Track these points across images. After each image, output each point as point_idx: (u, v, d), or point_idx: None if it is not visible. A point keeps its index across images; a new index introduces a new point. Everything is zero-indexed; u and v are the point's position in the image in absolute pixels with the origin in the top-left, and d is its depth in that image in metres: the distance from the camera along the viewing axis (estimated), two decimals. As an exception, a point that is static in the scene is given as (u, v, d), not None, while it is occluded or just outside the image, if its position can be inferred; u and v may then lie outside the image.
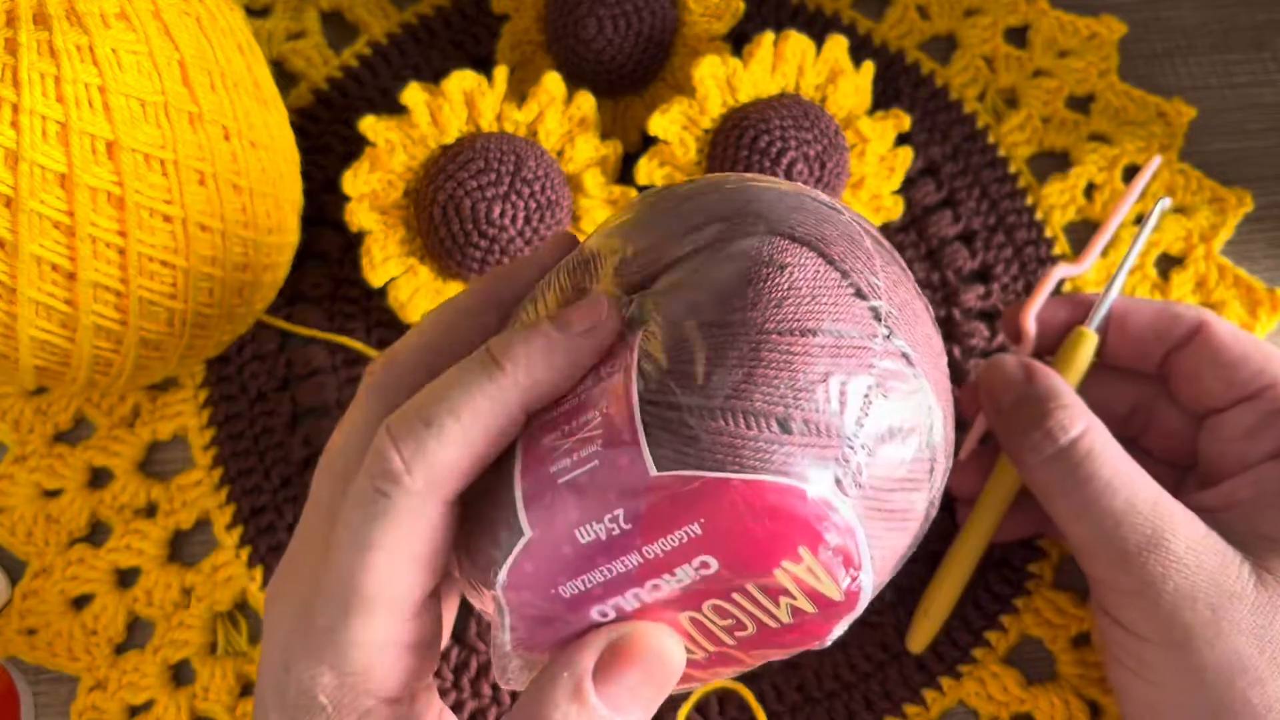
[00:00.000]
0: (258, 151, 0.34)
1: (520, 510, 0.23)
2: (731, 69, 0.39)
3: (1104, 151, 0.45)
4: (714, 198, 0.25)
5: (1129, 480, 0.31)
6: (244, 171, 0.34)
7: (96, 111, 0.30)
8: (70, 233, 0.30)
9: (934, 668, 0.38)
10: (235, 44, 0.35)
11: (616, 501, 0.23)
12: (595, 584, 0.24)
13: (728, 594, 0.23)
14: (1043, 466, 0.32)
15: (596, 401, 0.24)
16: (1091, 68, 0.46)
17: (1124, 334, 0.36)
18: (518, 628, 0.24)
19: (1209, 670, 0.30)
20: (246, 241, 0.34)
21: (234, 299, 0.35)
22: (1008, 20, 0.47)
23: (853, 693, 0.37)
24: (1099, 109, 0.46)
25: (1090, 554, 0.32)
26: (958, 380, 0.41)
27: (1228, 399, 0.35)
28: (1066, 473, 0.32)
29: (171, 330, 0.34)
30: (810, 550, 0.22)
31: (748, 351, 0.22)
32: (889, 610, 0.38)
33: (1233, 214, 0.44)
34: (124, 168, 0.30)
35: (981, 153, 0.45)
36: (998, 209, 0.44)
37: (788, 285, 0.23)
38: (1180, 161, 0.45)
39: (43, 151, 0.29)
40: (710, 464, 0.22)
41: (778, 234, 0.24)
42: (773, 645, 0.24)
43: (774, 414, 0.22)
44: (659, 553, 0.23)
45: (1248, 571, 0.30)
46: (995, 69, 0.46)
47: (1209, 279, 0.43)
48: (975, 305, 0.42)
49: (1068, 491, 0.32)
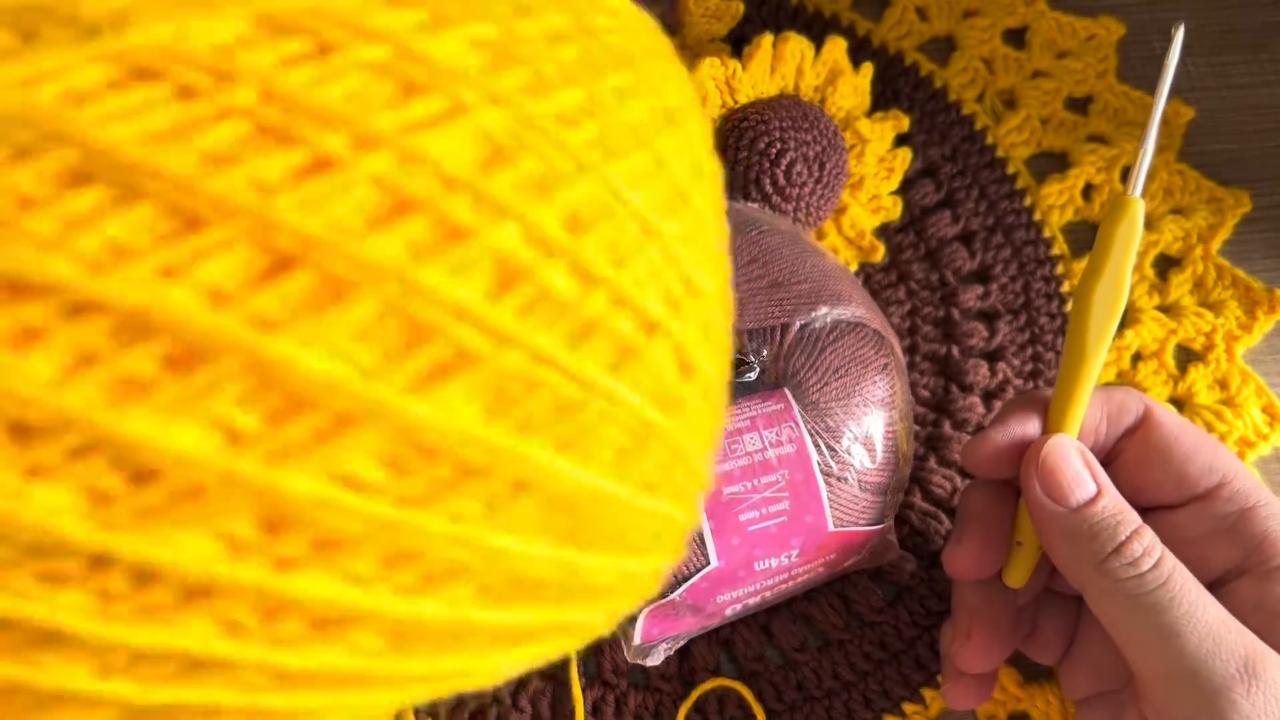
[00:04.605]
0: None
1: (710, 544, 0.32)
2: (731, 70, 0.39)
3: (1102, 152, 0.45)
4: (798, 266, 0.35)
5: (1213, 604, 0.29)
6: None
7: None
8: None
9: (932, 666, 0.38)
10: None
11: (795, 543, 0.33)
12: (749, 592, 0.33)
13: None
14: (1118, 590, 0.30)
15: (777, 467, 0.32)
16: (1090, 69, 0.46)
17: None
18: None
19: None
20: None
21: None
22: (1006, 21, 0.47)
23: (851, 691, 0.37)
24: (1097, 110, 0.46)
25: (1163, 686, 0.29)
26: (958, 382, 0.41)
27: (1177, 496, 0.33)
28: (1147, 599, 0.29)
29: None
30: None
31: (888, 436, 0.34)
32: (887, 609, 0.38)
33: (1231, 214, 0.44)
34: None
35: (980, 153, 0.45)
36: (996, 209, 0.44)
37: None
38: (1178, 162, 0.45)
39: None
40: (864, 522, 0.34)
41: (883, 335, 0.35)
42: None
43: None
44: (804, 570, 0.34)
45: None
46: (994, 70, 0.46)
47: (1207, 279, 0.43)
48: (974, 305, 0.43)
49: (1146, 619, 0.29)
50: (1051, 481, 0.31)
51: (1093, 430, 0.33)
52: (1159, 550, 0.30)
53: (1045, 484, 0.31)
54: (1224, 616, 0.29)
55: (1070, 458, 0.32)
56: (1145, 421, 0.33)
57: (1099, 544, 0.30)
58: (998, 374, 0.41)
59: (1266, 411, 0.41)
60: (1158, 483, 0.33)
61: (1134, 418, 0.33)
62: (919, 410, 0.41)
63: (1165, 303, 0.43)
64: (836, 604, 0.38)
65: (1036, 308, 0.43)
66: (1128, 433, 0.33)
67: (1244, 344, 0.42)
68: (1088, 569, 0.31)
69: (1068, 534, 0.31)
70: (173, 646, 0.16)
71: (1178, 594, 0.29)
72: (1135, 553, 0.30)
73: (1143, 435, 0.33)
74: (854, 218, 0.42)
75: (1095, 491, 0.31)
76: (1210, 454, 0.32)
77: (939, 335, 0.42)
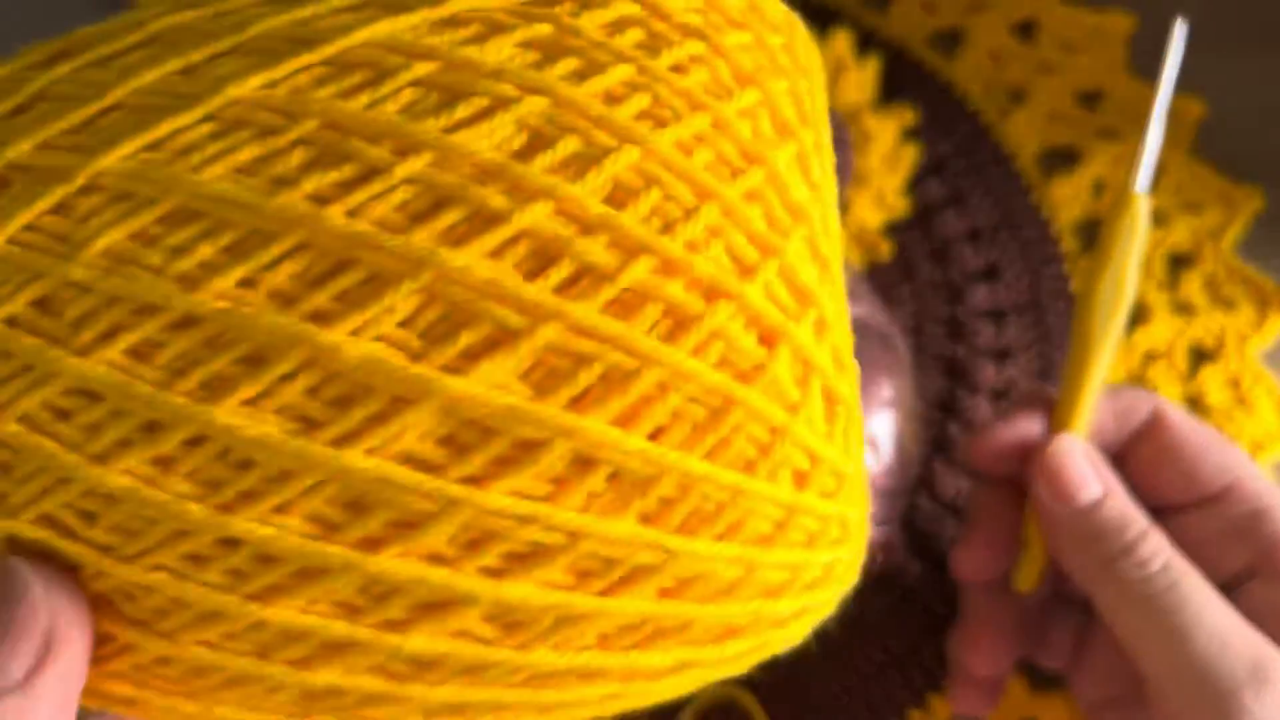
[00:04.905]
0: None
1: None
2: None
3: (1112, 147, 0.44)
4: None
5: (1223, 606, 0.29)
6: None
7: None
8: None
9: (937, 672, 0.37)
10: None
11: None
12: None
13: None
14: (1126, 592, 0.30)
15: None
16: (1099, 62, 0.46)
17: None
18: None
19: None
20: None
21: None
22: (1014, 14, 0.47)
23: (855, 698, 0.37)
24: (1107, 104, 0.45)
25: (1172, 690, 0.29)
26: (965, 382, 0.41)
27: (1188, 498, 0.32)
28: (1155, 600, 0.29)
29: None
30: None
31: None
32: (892, 614, 0.38)
33: (1242, 212, 0.43)
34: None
35: (988, 149, 0.44)
36: (1004, 206, 0.44)
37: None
38: (1190, 158, 0.44)
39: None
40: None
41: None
42: None
43: None
44: None
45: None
46: (1002, 64, 0.46)
47: (1218, 277, 0.42)
48: (982, 304, 0.42)
49: (1155, 621, 0.29)
50: (1057, 482, 0.31)
51: (1100, 431, 0.33)
52: (1167, 552, 0.29)
53: (1051, 484, 0.31)
54: (1234, 619, 0.28)
55: (1077, 458, 0.31)
56: (1155, 422, 0.33)
57: (1106, 546, 0.30)
58: (1005, 373, 0.41)
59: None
60: (1168, 483, 0.32)
61: (1143, 418, 0.33)
62: (925, 410, 0.41)
63: (1176, 301, 0.42)
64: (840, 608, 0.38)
65: (1045, 306, 0.42)
66: (1137, 433, 0.33)
67: (1256, 343, 0.41)
68: (1095, 571, 0.30)
69: (1074, 536, 0.31)
70: (298, 625, 0.18)
71: (1186, 596, 0.29)
72: (1143, 555, 0.29)
73: (1152, 435, 0.33)
74: (859, 215, 0.41)
75: (1102, 492, 0.31)
76: (1221, 455, 0.32)
77: (946, 334, 0.42)
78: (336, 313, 0.17)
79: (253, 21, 0.19)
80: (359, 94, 0.18)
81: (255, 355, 0.17)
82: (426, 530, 0.18)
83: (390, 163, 0.18)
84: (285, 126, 0.18)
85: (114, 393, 0.17)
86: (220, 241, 0.18)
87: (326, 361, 0.17)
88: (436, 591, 0.18)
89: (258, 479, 0.18)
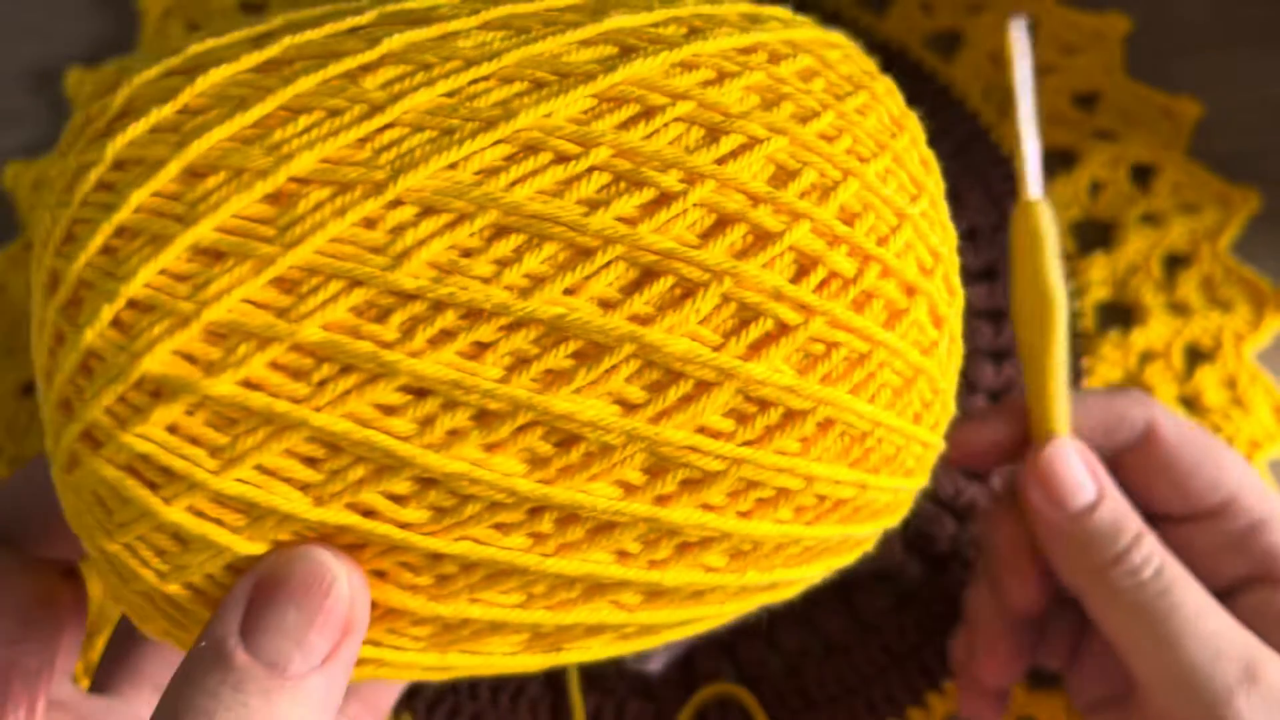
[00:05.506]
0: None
1: None
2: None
3: (1109, 149, 0.44)
4: None
5: (1216, 611, 0.29)
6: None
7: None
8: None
9: (938, 672, 0.37)
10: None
11: None
12: None
13: None
14: (1118, 598, 0.30)
15: None
16: (1097, 64, 0.46)
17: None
18: None
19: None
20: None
21: None
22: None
23: (855, 696, 0.37)
24: (1105, 106, 0.45)
25: (1164, 696, 0.29)
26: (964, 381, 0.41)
27: (1182, 512, 0.32)
28: (1147, 607, 0.29)
29: None
30: None
31: None
32: (891, 614, 0.38)
33: (1239, 212, 0.43)
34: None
35: (985, 150, 0.44)
36: (1001, 207, 0.44)
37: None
38: (1187, 159, 0.44)
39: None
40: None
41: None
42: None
43: None
44: None
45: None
46: (999, 66, 0.46)
47: (1215, 277, 0.42)
48: (979, 304, 0.42)
49: (1147, 628, 0.29)
50: (1049, 486, 0.31)
51: (1086, 440, 0.32)
52: (1159, 558, 0.29)
53: (1044, 488, 0.31)
54: (1226, 624, 0.28)
55: (1070, 461, 0.31)
56: (1148, 435, 0.32)
57: (1098, 552, 0.30)
58: (1004, 373, 0.41)
59: (1276, 411, 0.40)
60: (1161, 498, 0.32)
61: (1134, 433, 0.32)
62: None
63: (1173, 301, 0.42)
64: (839, 607, 0.38)
65: (1042, 307, 0.42)
66: (1129, 445, 0.32)
67: (1252, 343, 0.41)
68: (1087, 576, 0.30)
69: (1067, 541, 0.31)
70: (580, 573, 0.22)
71: (1178, 603, 0.28)
72: (1135, 561, 0.29)
73: (1144, 450, 0.32)
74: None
75: (1095, 496, 0.31)
76: (1214, 470, 0.31)
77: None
78: (651, 316, 0.21)
79: (500, 51, 0.22)
80: (634, 126, 0.21)
81: (585, 351, 0.20)
82: (711, 485, 0.22)
83: (682, 190, 0.21)
84: (581, 154, 0.21)
85: (447, 388, 0.20)
86: (541, 254, 0.20)
87: (647, 354, 0.20)
88: (706, 532, 0.22)
89: (579, 455, 0.21)
